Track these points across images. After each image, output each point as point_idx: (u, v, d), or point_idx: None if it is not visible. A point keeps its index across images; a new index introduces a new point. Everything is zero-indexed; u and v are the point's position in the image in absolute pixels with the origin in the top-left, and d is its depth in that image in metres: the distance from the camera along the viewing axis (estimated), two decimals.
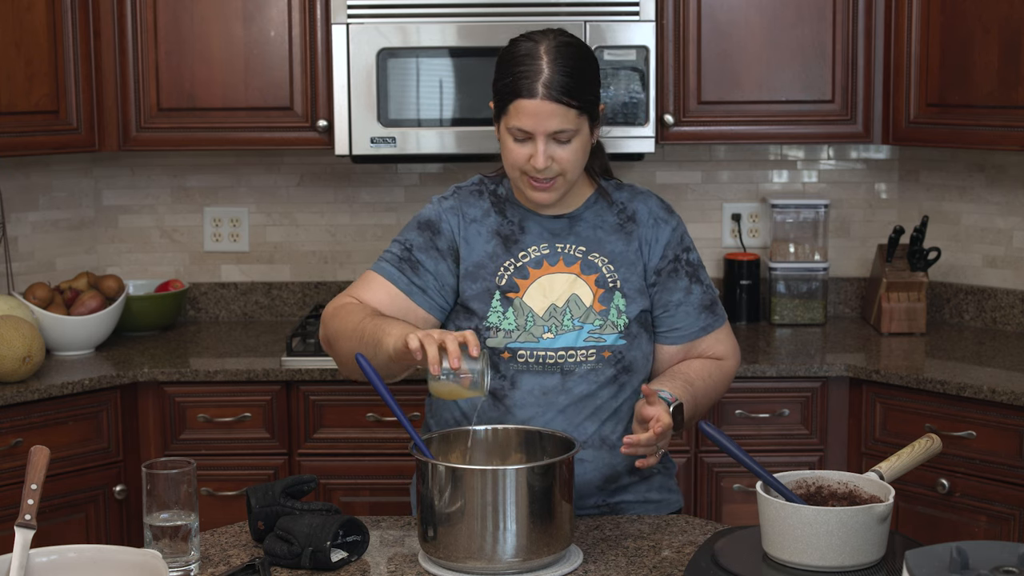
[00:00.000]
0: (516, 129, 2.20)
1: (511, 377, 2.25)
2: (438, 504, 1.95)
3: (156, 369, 3.39)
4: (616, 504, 2.32)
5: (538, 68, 2.17)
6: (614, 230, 2.33)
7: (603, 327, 2.26)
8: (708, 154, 4.01)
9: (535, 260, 2.30)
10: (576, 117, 2.19)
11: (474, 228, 2.32)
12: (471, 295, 2.28)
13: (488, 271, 2.29)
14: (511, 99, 2.19)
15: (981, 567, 1.48)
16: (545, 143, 2.19)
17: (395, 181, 3.99)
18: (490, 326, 2.25)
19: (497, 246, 2.30)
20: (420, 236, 2.32)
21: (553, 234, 2.32)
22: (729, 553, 1.87)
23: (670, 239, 2.34)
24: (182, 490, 1.98)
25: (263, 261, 4.04)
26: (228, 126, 3.63)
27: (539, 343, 2.24)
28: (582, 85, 2.19)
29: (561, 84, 2.16)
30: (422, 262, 2.30)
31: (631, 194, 2.38)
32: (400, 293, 2.29)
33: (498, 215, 2.33)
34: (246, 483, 3.30)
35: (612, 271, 2.30)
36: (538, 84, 2.16)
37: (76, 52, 3.53)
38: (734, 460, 1.94)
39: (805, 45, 3.60)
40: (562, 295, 2.27)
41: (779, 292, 3.86)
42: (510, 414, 2.25)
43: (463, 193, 2.36)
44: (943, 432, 3.10)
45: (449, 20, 3.49)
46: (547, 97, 2.16)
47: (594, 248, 2.31)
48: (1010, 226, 3.76)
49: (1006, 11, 3.32)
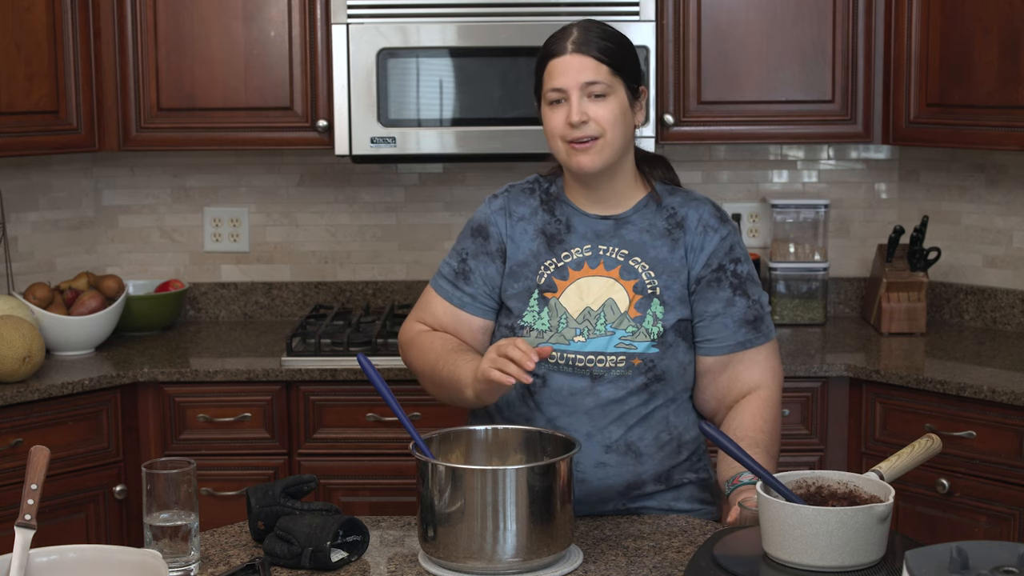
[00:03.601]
0: (551, 91, 2.23)
1: (543, 375, 2.26)
2: (438, 504, 1.95)
3: (156, 369, 3.39)
4: (637, 510, 2.29)
5: (568, 32, 2.26)
6: (661, 235, 2.29)
7: (636, 334, 2.24)
8: (708, 154, 4.01)
9: (576, 261, 2.29)
10: (609, 74, 2.22)
11: (521, 226, 2.33)
12: (511, 294, 2.30)
13: (530, 269, 2.30)
14: (544, 65, 2.26)
15: (981, 567, 1.48)
16: (579, 98, 2.21)
17: (395, 181, 3.99)
18: (524, 325, 2.27)
19: (541, 244, 2.31)
20: (473, 243, 2.38)
21: (598, 235, 2.30)
22: (729, 553, 1.87)
23: (717, 248, 2.29)
24: (182, 490, 1.98)
25: (263, 261, 4.04)
26: (228, 126, 3.63)
27: (570, 345, 2.24)
28: (615, 49, 2.24)
29: (591, 41, 2.22)
30: (473, 270, 2.36)
31: (684, 199, 2.33)
32: (453, 308, 2.37)
33: (546, 213, 2.33)
34: (246, 483, 3.30)
35: (652, 277, 2.27)
36: (567, 42, 2.23)
37: (76, 52, 3.53)
38: (734, 460, 1.93)
39: (805, 45, 3.60)
40: (598, 299, 2.25)
41: (779, 292, 3.86)
42: (538, 411, 2.26)
43: (515, 191, 2.38)
44: (943, 432, 3.10)
45: (449, 20, 3.49)
46: (576, 51, 2.21)
47: (637, 252, 2.28)
48: (1010, 226, 3.76)
49: (1006, 11, 3.32)
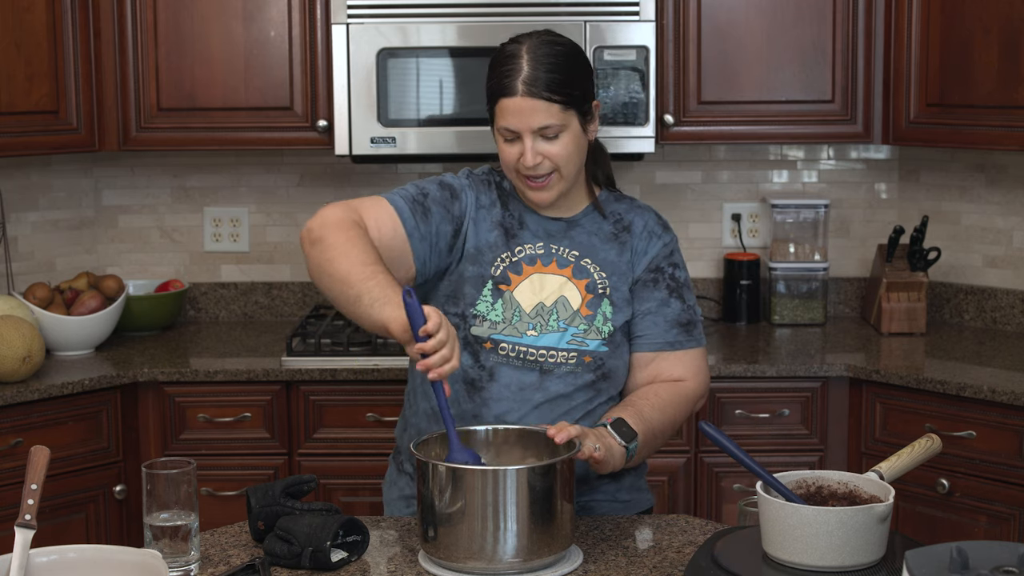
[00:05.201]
0: (504, 129, 2.22)
1: (490, 368, 2.25)
2: (439, 504, 1.95)
3: (156, 369, 3.39)
4: (586, 503, 2.32)
5: (518, 67, 2.19)
6: (608, 239, 2.34)
7: (587, 332, 2.27)
8: (708, 154, 4.01)
9: (530, 257, 2.30)
10: (561, 112, 2.19)
11: (482, 214, 2.32)
12: (468, 276, 2.28)
13: (486, 259, 2.29)
14: (495, 100, 2.22)
15: (981, 567, 1.48)
16: (532, 140, 2.20)
17: (395, 181, 3.99)
18: (477, 314, 2.26)
19: (499, 236, 2.31)
20: (439, 191, 2.30)
21: (549, 235, 2.33)
22: (729, 553, 1.87)
23: (658, 252, 2.34)
24: (182, 490, 1.98)
25: (263, 261, 4.04)
26: (228, 126, 3.63)
27: (522, 339, 2.25)
28: (565, 80, 2.19)
29: (540, 80, 2.17)
30: (432, 212, 2.27)
31: (629, 206, 2.38)
32: (403, 232, 2.24)
33: (502, 208, 2.33)
34: (246, 483, 3.30)
35: (604, 278, 2.31)
36: (517, 82, 2.18)
37: (76, 52, 3.53)
38: (734, 460, 1.94)
39: (805, 45, 3.60)
40: (551, 295, 2.27)
41: (779, 292, 3.86)
42: (485, 407, 2.25)
43: (476, 179, 2.36)
44: (943, 432, 3.10)
45: (449, 20, 3.49)
46: (527, 93, 2.18)
47: (587, 254, 2.32)
48: (1010, 226, 3.76)
49: (1006, 11, 3.32)
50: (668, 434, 2.29)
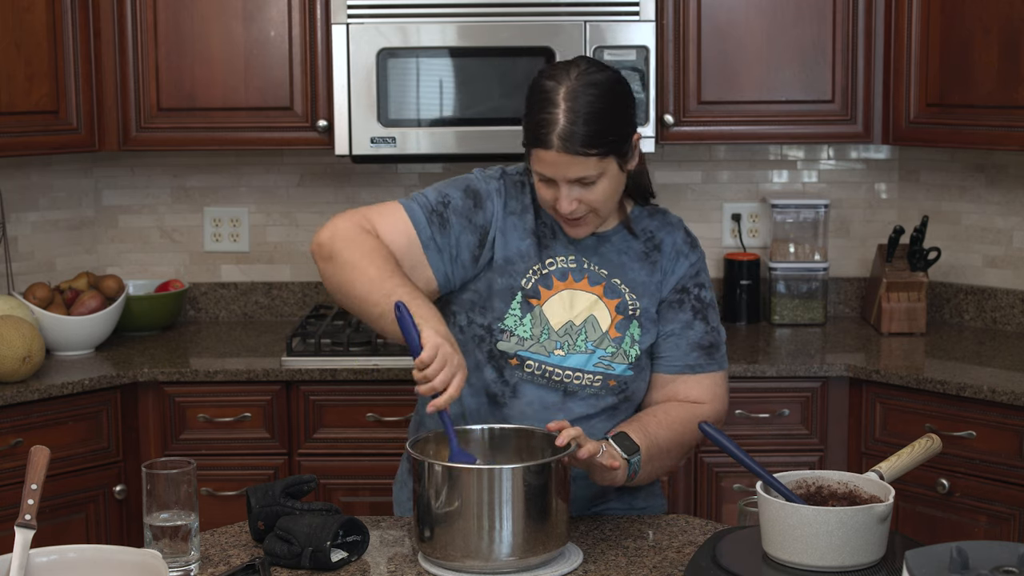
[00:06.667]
0: (539, 174, 2.15)
1: (513, 385, 2.21)
2: (434, 504, 1.95)
3: (156, 369, 3.39)
4: (602, 511, 2.32)
5: (554, 118, 2.09)
6: (639, 258, 2.29)
7: (615, 356, 2.22)
8: (708, 154, 4.01)
9: (561, 271, 2.24)
10: (598, 162, 2.11)
11: (512, 221, 2.25)
12: (497, 289, 2.21)
13: (517, 269, 2.22)
14: (531, 147, 2.14)
15: (981, 567, 1.48)
16: (569, 188, 2.13)
17: (395, 181, 3.99)
18: (505, 328, 2.20)
19: (531, 246, 2.24)
20: (462, 200, 2.23)
21: (580, 249, 2.27)
22: (729, 553, 1.87)
23: (686, 272, 2.29)
24: (182, 490, 1.98)
25: (263, 261, 4.04)
26: (228, 126, 3.63)
27: (549, 358, 2.20)
28: (602, 130, 2.10)
29: (577, 136, 2.08)
30: (451, 224, 2.20)
31: (661, 223, 2.33)
32: (418, 243, 2.18)
33: (534, 215, 2.26)
34: (246, 483, 3.30)
35: (634, 300, 2.26)
36: (553, 136, 2.08)
37: (76, 52, 3.53)
38: (734, 460, 1.94)
39: (805, 45, 3.60)
40: (581, 314, 2.22)
41: (779, 292, 3.86)
42: (506, 423, 2.21)
43: (508, 181, 2.28)
44: (943, 432, 3.10)
45: (449, 20, 3.49)
46: (563, 149, 2.08)
47: (616, 273, 2.27)
48: (1010, 226, 3.76)
49: (1006, 11, 3.32)
50: (677, 454, 2.23)
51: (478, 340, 2.22)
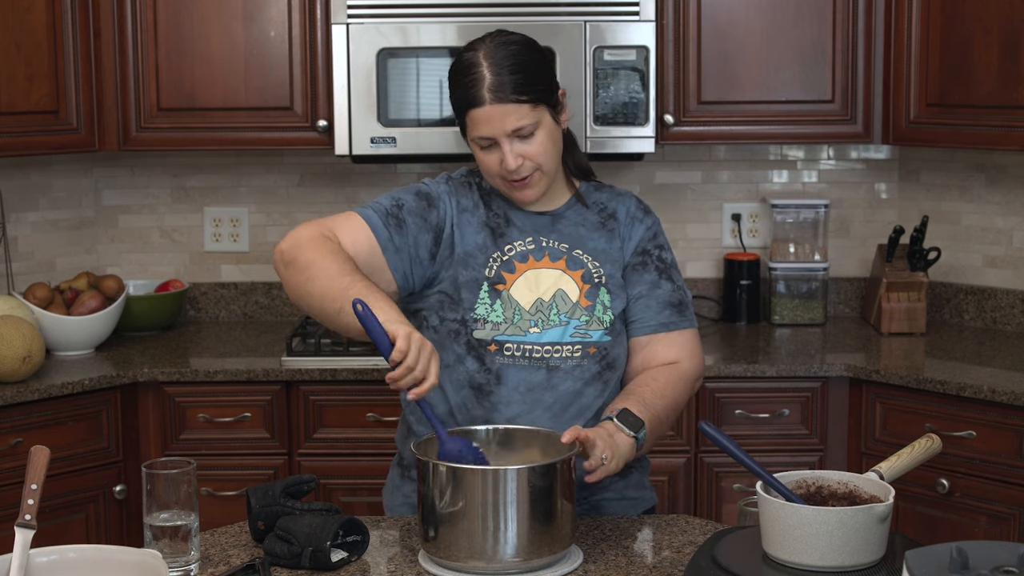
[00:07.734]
0: (479, 138, 2.24)
1: (496, 371, 2.24)
2: (439, 504, 1.95)
3: (156, 369, 3.39)
4: (597, 501, 2.33)
5: (480, 75, 2.20)
6: (596, 228, 2.35)
7: (589, 323, 2.27)
8: (708, 154, 4.01)
9: (521, 254, 2.30)
10: (531, 110, 2.21)
11: (466, 217, 2.32)
12: (462, 282, 2.27)
13: (478, 262, 2.28)
14: (465, 112, 2.24)
15: (981, 567, 1.48)
16: (510, 143, 2.22)
17: (395, 181, 3.99)
18: (478, 317, 2.25)
19: (487, 238, 2.31)
20: (415, 201, 2.30)
21: (536, 229, 2.33)
22: (729, 553, 1.87)
23: (643, 236, 2.36)
24: (182, 490, 1.98)
25: (263, 261, 4.04)
26: (228, 126, 3.63)
27: (526, 336, 2.24)
28: (528, 78, 2.21)
29: (505, 84, 2.19)
30: (407, 224, 2.28)
31: (611, 194, 2.40)
32: (377, 247, 2.25)
33: (485, 208, 2.34)
34: (246, 483, 3.30)
35: (597, 267, 2.32)
36: (483, 90, 2.19)
37: (76, 52, 3.53)
38: (734, 460, 1.94)
39: (805, 45, 3.60)
40: (548, 289, 2.28)
41: (779, 292, 3.86)
42: (495, 411, 2.24)
43: (455, 183, 2.37)
44: (943, 432, 3.10)
45: (449, 20, 3.49)
46: (495, 100, 2.19)
47: (577, 245, 2.33)
48: (1010, 226, 3.77)
49: (1006, 11, 3.32)
50: (671, 419, 2.29)
51: (454, 335, 2.25)
